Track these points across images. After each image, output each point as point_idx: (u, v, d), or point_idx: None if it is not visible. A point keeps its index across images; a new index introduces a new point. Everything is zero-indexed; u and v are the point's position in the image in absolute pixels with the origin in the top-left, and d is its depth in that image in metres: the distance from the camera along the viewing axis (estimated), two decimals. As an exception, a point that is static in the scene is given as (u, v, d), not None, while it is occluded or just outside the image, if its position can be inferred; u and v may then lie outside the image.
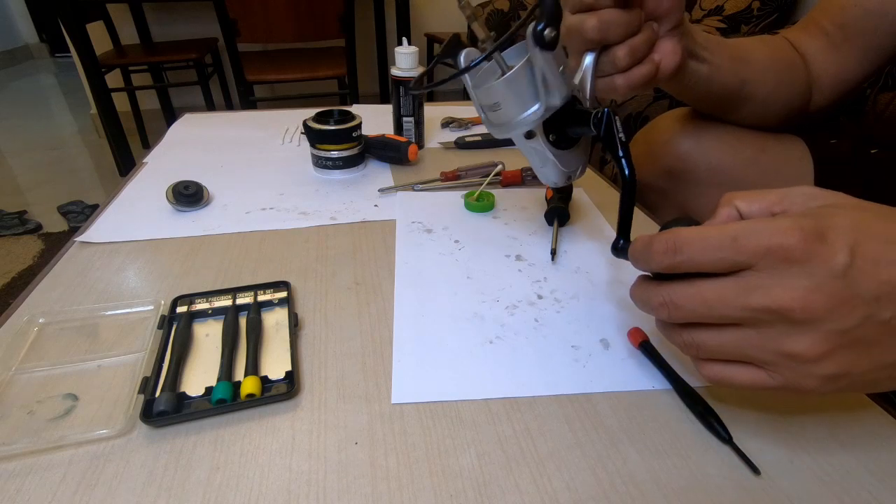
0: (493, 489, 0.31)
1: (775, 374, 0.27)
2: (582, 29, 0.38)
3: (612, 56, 0.39)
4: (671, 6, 0.40)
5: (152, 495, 0.30)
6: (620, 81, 0.40)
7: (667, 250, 0.27)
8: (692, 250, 0.26)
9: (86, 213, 1.86)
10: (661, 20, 0.40)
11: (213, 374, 0.38)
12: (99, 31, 2.24)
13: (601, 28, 0.38)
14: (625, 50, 0.39)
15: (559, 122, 0.40)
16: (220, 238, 0.56)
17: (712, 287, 0.26)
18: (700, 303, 0.27)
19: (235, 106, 2.47)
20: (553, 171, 0.43)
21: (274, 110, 0.97)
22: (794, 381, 0.26)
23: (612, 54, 0.39)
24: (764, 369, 0.27)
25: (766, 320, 0.25)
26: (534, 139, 0.40)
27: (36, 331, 0.43)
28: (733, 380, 0.28)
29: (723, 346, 0.28)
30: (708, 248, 0.26)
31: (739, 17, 1.66)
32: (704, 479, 0.31)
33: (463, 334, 0.43)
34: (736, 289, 0.25)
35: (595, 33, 0.38)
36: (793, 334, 0.25)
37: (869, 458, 0.33)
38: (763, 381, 0.27)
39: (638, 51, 0.39)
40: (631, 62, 0.39)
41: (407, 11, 2.16)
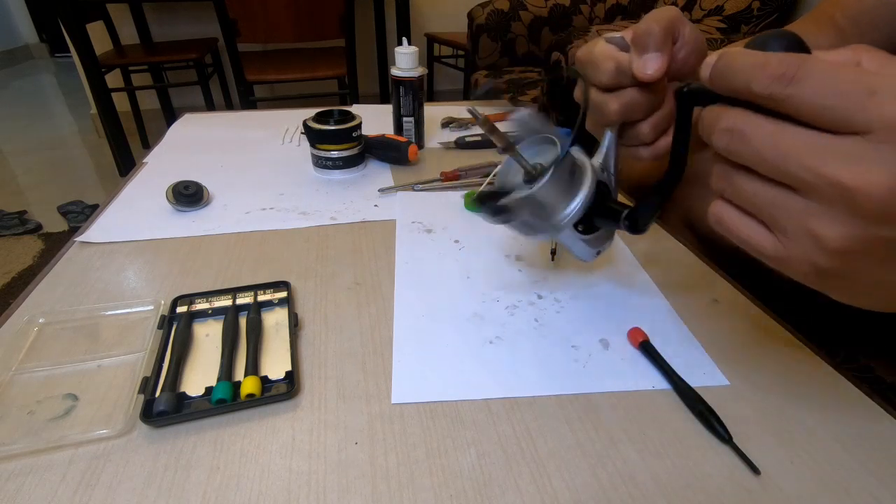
0: (493, 489, 0.31)
1: (782, 247, 0.24)
2: (604, 111, 0.37)
3: (636, 132, 0.38)
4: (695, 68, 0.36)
5: (152, 495, 0.30)
6: (645, 154, 0.39)
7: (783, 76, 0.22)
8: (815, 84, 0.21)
9: (86, 213, 1.86)
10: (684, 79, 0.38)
11: (213, 374, 0.38)
12: (99, 31, 2.24)
13: (623, 112, 0.36)
14: (648, 127, 0.37)
15: (587, 214, 0.37)
16: (220, 238, 0.56)
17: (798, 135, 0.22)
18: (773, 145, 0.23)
19: (235, 106, 2.47)
20: (582, 251, 0.41)
21: (274, 110, 0.97)
22: (796, 261, 0.24)
23: (637, 131, 0.38)
24: (774, 236, 0.25)
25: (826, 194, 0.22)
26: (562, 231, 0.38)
27: (36, 331, 0.43)
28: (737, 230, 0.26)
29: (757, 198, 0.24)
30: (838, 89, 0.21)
31: (739, 17, 1.66)
32: (704, 479, 0.31)
33: (463, 334, 0.43)
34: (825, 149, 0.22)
35: (617, 116, 0.36)
36: (837, 218, 0.22)
37: (869, 458, 0.33)
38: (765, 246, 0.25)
39: (662, 125, 0.38)
40: (655, 137, 0.38)
41: (407, 11, 2.16)
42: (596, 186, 0.37)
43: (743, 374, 0.39)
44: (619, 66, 0.34)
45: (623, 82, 0.35)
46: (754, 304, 0.47)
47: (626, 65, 0.34)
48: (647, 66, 0.33)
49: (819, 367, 0.40)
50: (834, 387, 0.38)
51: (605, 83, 0.36)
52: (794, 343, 0.42)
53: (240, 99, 1.82)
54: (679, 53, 0.35)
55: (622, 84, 0.35)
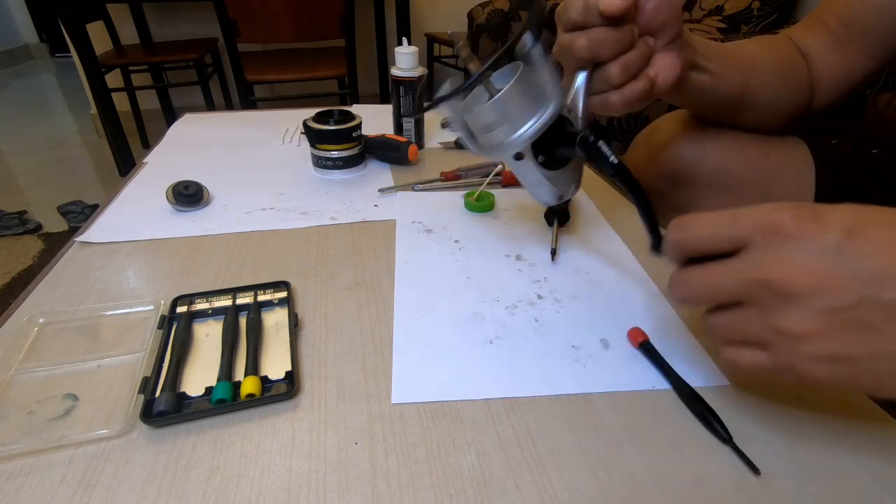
0: (493, 489, 0.31)
1: (773, 355, 0.27)
2: (572, 48, 0.38)
3: (604, 73, 0.39)
4: (667, 20, 0.39)
5: (152, 495, 0.30)
6: (615, 98, 0.40)
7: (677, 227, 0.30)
8: (698, 225, 0.29)
9: (86, 213, 1.86)
10: (657, 34, 0.40)
11: (213, 374, 0.38)
12: (99, 31, 2.24)
13: (591, 47, 0.37)
14: (617, 67, 0.38)
15: (548, 143, 0.40)
16: (220, 238, 0.56)
17: (717, 265, 0.28)
18: (706, 278, 0.28)
19: (235, 106, 2.47)
20: (544, 191, 0.42)
21: (274, 110, 0.97)
22: (790, 361, 0.26)
23: (605, 71, 0.39)
24: (765, 351, 0.27)
25: (762, 296, 0.26)
26: (523, 160, 0.40)
27: (36, 331, 0.43)
28: (739, 361, 0.29)
29: (730, 325, 0.28)
30: (712, 223, 0.28)
31: (739, 17, 1.66)
32: (704, 479, 0.31)
33: (463, 334, 0.43)
34: (735, 264, 0.27)
35: (585, 52, 0.37)
36: (785, 310, 0.25)
37: (869, 458, 0.33)
38: (762, 362, 0.27)
39: (631, 67, 0.39)
40: (624, 79, 0.39)
41: (407, 11, 2.16)
42: (558, 119, 0.39)
43: (743, 374, 0.39)
44: (587, 4, 0.36)
45: (591, 20, 0.37)
46: (754, 304, 0.46)
47: (593, 3, 0.36)
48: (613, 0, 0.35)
49: (819, 367, 0.40)
50: (834, 387, 0.38)
51: (574, 20, 0.37)
52: (794, 343, 0.42)
53: (240, 99, 1.82)
54: (648, 4, 0.38)
55: (590, 22, 0.37)
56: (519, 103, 0.38)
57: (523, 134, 0.38)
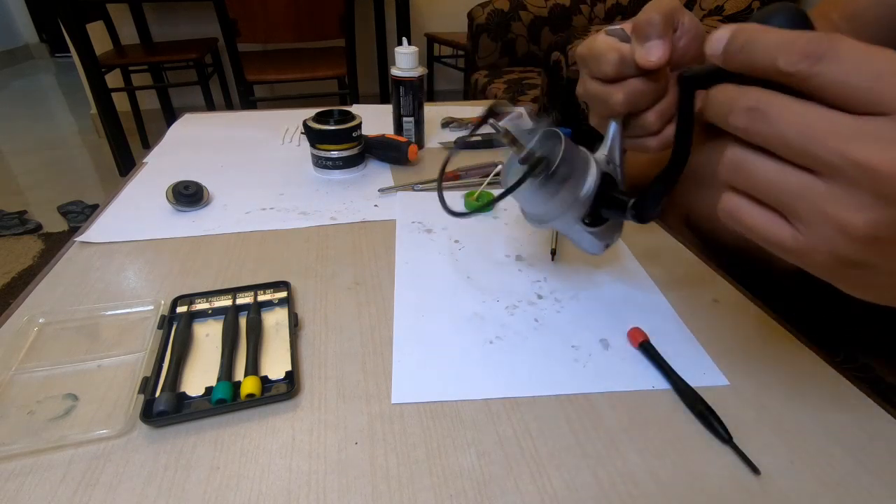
0: (493, 489, 0.31)
1: (802, 238, 0.23)
2: (609, 102, 0.36)
3: (642, 122, 0.37)
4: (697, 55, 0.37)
5: (152, 495, 0.30)
6: (653, 143, 0.38)
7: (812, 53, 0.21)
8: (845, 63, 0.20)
9: (86, 213, 1.86)
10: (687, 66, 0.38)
11: (213, 374, 0.38)
12: (99, 31, 2.24)
13: (629, 101, 0.35)
14: (654, 115, 0.37)
15: (594, 205, 0.38)
16: (220, 238, 0.56)
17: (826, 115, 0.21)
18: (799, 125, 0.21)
19: (235, 106, 2.47)
20: (590, 245, 0.41)
21: (274, 110, 0.97)
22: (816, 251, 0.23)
23: (643, 120, 0.37)
24: (793, 226, 0.23)
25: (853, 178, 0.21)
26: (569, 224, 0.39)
27: (36, 331, 0.43)
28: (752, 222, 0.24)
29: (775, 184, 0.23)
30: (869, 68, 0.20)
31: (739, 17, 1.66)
32: (704, 479, 0.31)
33: (463, 334, 0.43)
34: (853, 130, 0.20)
35: (623, 107, 0.36)
36: (864, 204, 0.21)
37: (869, 458, 0.33)
38: (783, 238, 0.23)
39: (667, 112, 0.37)
40: (661, 125, 0.38)
41: (407, 11, 2.16)
42: (601, 177, 0.37)
43: (743, 374, 0.39)
44: (622, 57, 0.34)
45: (626, 72, 0.35)
46: (754, 304, 0.47)
47: (628, 55, 0.34)
48: (651, 53, 0.33)
49: (819, 366, 0.40)
50: (834, 387, 0.38)
51: (608, 74, 0.36)
52: (794, 343, 0.42)
53: (240, 99, 1.82)
54: (679, 42, 0.35)
55: (625, 74, 0.35)
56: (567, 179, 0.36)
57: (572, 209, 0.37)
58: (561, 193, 0.36)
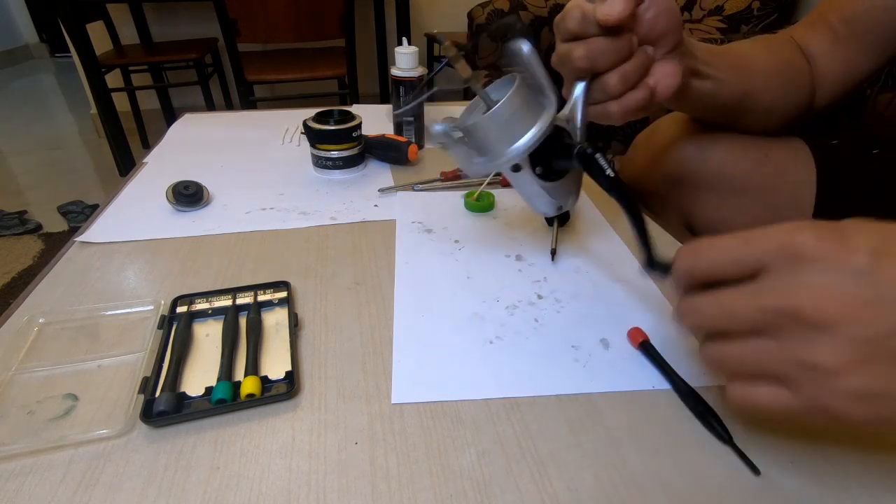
0: (493, 489, 0.31)
1: (798, 392, 0.24)
2: (570, 58, 0.37)
3: (603, 83, 0.38)
4: (667, 29, 0.38)
5: (152, 495, 0.30)
6: (614, 108, 0.39)
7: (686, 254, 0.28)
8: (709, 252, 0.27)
9: (86, 213, 1.86)
10: (656, 43, 0.39)
11: (213, 374, 0.38)
12: (99, 31, 2.24)
13: (589, 57, 0.36)
14: (616, 77, 0.37)
15: (545, 155, 0.39)
16: (220, 238, 0.56)
17: (729, 291, 0.26)
18: (717, 306, 0.26)
19: (235, 106, 2.47)
20: (542, 203, 0.42)
21: (274, 110, 0.97)
22: (818, 399, 0.24)
23: (604, 82, 0.38)
24: (788, 387, 0.24)
25: (783, 325, 0.24)
26: (521, 172, 0.40)
27: (36, 331, 0.43)
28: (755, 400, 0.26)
29: (744, 358, 0.26)
30: (723, 248, 0.26)
31: (739, 17, 1.66)
32: (704, 479, 0.31)
33: (463, 334, 0.43)
34: (750, 290, 0.25)
35: (583, 62, 0.37)
36: (812, 341, 0.23)
37: (869, 458, 0.33)
38: (785, 401, 0.25)
39: (630, 77, 0.38)
40: (623, 88, 0.38)
41: (407, 11, 2.16)
42: (555, 130, 0.38)
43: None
44: (584, 13, 0.36)
45: (588, 30, 0.36)
46: (754, 304, 0.46)
47: (591, 12, 0.35)
48: (611, 9, 0.34)
49: (819, 367, 0.40)
50: (834, 387, 0.38)
51: (572, 30, 0.37)
52: (794, 343, 0.42)
53: (240, 99, 1.82)
54: (647, 13, 0.37)
55: (588, 32, 0.36)
56: (516, 115, 0.37)
57: (521, 146, 0.37)
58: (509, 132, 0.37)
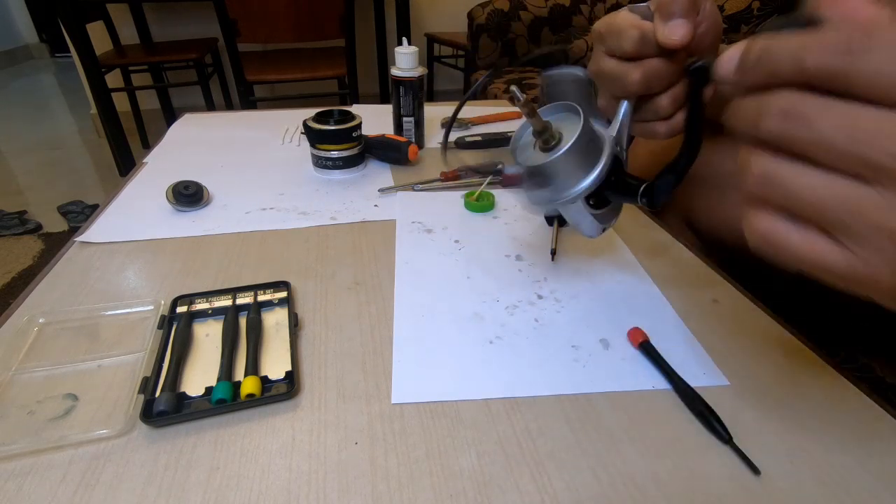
0: (493, 489, 0.31)
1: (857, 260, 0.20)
2: (625, 81, 0.35)
3: (654, 105, 0.36)
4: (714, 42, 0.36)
5: (152, 495, 0.30)
6: (662, 129, 0.37)
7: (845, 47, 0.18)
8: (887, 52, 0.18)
9: (86, 213, 1.86)
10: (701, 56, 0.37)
11: (213, 374, 0.38)
12: (99, 31, 2.24)
13: (646, 81, 0.34)
14: (668, 100, 0.36)
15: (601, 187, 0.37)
16: (220, 238, 0.56)
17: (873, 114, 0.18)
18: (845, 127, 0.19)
19: (235, 106, 2.47)
20: (589, 227, 0.41)
21: (274, 110, 0.97)
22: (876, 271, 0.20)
23: (656, 104, 0.36)
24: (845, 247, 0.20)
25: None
26: (574, 203, 0.38)
27: (36, 331, 0.43)
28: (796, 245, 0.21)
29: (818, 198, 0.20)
30: None
31: (739, 17, 1.66)
32: (704, 479, 0.31)
33: (463, 334, 0.43)
34: None
35: (638, 87, 0.35)
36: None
37: (869, 458, 0.33)
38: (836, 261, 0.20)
39: (681, 98, 0.36)
40: (674, 110, 0.37)
41: (407, 11, 2.16)
42: (612, 159, 0.36)
43: (743, 374, 0.39)
44: (643, 34, 0.33)
45: (646, 51, 0.34)
46: (754, 304, 0.47)
47: (650, 32, 0.33)
48: (674, 32, 0.32)
49: (819, 366, 0.40)
50: (834, 387, 0.38)
51: (627, 51, 0.34)
52: (794, 343, 0.42)
53: (240, 99, 1.82)
54: (700, 27, 0.34)
55: (645, 53, 0.34)
56: (580, 156, 0.36)
57: (586, 186, 0.36)
58: (573, 172, 0.36)
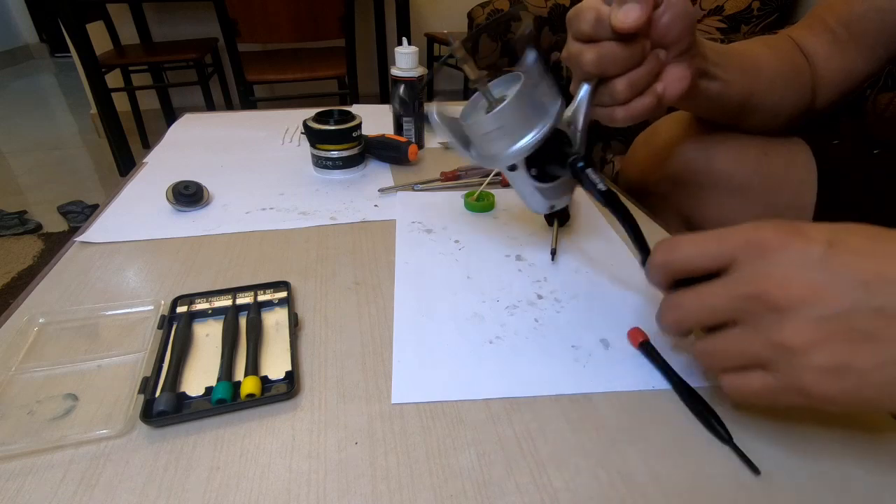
0: (493, 489, 0.31)
1: (777, 373, 0.27)
2: (580, 61, 0.36)
3: (610, 89, 0.37)
4: (681, 34, 0.37)
5: (152, 495, 0.30)
6: (620, 114, 0.39)
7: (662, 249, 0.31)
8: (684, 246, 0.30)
9: (86, 213, 1.86)
10: (669, 47, 0.38)
11: (213, 374, 0.38)
12: (99, 31, 2.23)
13: (599, 62, 0.36)
14: (624, 83, 0.37)
15: (542, 158, 0.39)
16: (220, 238, 0.56)
17: (706, 284, 0.29)
18: (696, 298, 0.29)
19: (235, 106, 2.47)
20: (535, 201, 0.42)
21: (274, 110, 0.97)
22: (793, 377, 0.26)
23: (611, 87, 0.37)
24: (769, 371, 0.27)
25: (754, 311, 0.26)
26: (516, 171, 0.40)
27: (36, 331, 0.43)
28: (742, 387, 0.29)
29: (727, 347, 0.28)
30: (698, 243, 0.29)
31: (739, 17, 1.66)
32: (704, 479, 0.31)
33: (463, 334, 0.43)
34: (724, 282, 0.28)
35: (592, 67, 0.36)
36: (779, 322, 0.25)
37: (869, 458, 0.33)
38: (768, 384, 0.27)
39: (639, 84, 0.37)
40: (631, 95, 0.37)
41: (407, 11, 2.16)
42: (554, 134, 0.37)
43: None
44: (599, 16, 0.35)
45: (601, 33, 0.35)
46: (754, 304, 0.46)
47: (606, 15, 0.34)
48: (627, 16, 0.33)
49: (819, 367, 0.40)
50: (834, 387, 0.38)
51: (584, 33, 0.36)
52: (794, 343, 0.42)
53: (240, 99, 1.82)
54: (662, 17, 0.36)
55: (600, 35, 0.35)
56: (519, 116, 0.37)
57: (520, 148, 0.37)
58: (510, 133, 0.37)
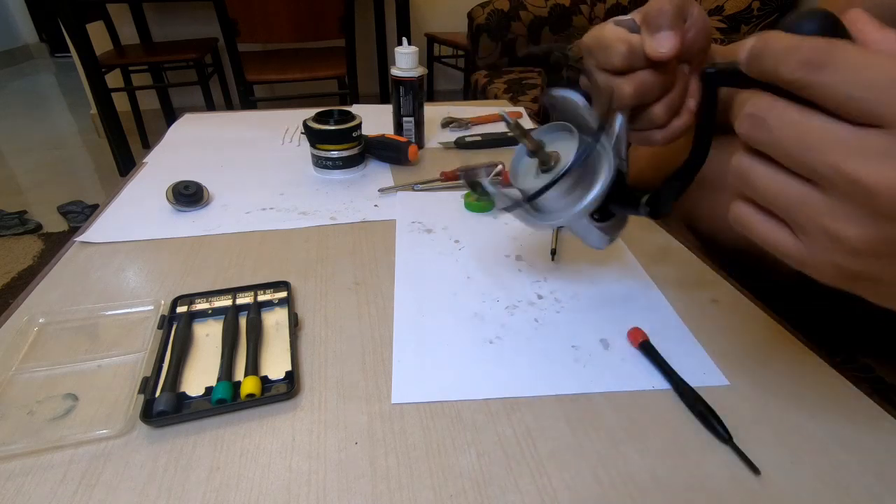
0: (493, 489, 0.31)
1: (804, 248, 0.23)
2: (617, 95, 0.36)
3: (649, 115, 0.37)
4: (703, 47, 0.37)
5: (152, 495, 0.30)
6: (658, 136, 0.38)
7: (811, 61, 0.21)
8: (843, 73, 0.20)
9: (86, 213, 1.86)
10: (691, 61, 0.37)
11: (213, 374, 0.38)
12: (99, 31, 2.24)
13: (638, 94, 0.35)
14: (662, 108, 0.36)
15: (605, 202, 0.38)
16: (220, 238, 0.56)
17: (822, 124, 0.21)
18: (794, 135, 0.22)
19: (235, 106, 2.47)
20: (596, 239, 0.41)
21: (274, 110, 0.97)
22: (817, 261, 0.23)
23: (650, 114, 0.36)
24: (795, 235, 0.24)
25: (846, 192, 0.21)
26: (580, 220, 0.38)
27: (36, 331, 0.43)
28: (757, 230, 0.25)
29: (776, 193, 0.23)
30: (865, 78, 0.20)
31: (739, 17, 1.66)
32: (704, 479, 0.31)
33: (463, 334, 0.43)
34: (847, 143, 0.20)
35: (631, 100, 0.35)
36: (857, 218, 0.21)
37: (869, 458, 0.33)
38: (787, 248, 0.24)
39: (675, 106, 0.37)
40: (669, 118, 0.37)
41: (407, 11, 2.16)
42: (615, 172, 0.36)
43: (743, 374, 0.39)
44: (631, 48, 0.34)
45: (635, 64, 0.34)
46: (754, 304, 0.47)
47: (637, 46, 0.33)
48: (661, 44, 0.32)
49: (819, 367, 0.40)
50: (834, 387, 0.38)
51: (616, 66, 0.35)
52: (794, 343, 0.42)
53: (240, 99, 1.82)
54: (688, 33, 0.35)
55: (634, 66, 0.34)
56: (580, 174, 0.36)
57: (586, 205, 0.36)
58: (575, 190, 0.36)
